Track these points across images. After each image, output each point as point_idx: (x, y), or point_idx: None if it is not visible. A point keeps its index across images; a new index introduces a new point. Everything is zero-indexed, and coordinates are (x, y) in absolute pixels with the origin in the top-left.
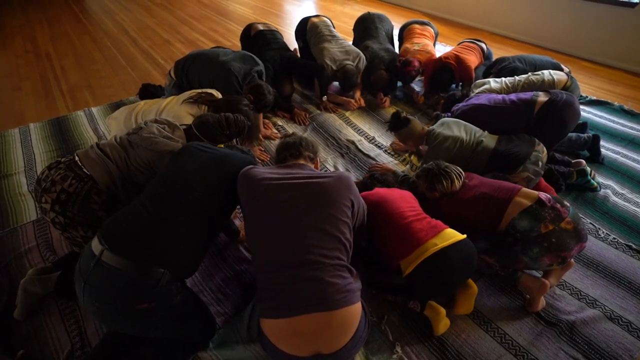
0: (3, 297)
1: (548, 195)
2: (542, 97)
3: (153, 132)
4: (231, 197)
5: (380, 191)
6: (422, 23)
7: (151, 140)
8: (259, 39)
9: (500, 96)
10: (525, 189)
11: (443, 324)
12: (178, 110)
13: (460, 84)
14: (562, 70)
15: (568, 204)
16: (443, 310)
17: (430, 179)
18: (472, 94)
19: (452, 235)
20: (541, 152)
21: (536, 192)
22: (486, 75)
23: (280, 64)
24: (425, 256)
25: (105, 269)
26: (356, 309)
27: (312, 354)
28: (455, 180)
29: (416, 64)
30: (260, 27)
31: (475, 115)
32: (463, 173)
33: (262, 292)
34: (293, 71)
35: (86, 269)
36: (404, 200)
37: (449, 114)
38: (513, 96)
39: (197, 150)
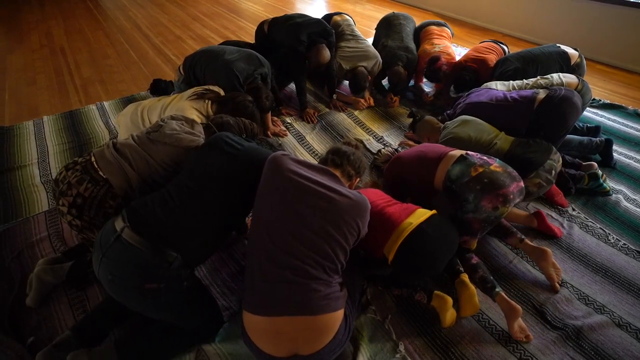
0: (14, 286)
1: (476, 153)
2: (541, 95)
3: (175, 128)
4: (252, 192)
5: None
6: (439, 24)
7: (175, 136)
8: (277, 23)
9: (501, 93)
10: (457, 150)
11: (450, 315)
12: (183, 105)
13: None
14: (570, 61)
15: (495, 158)
16: (450, 299)
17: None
18: None
19: (425, 213)
20: (557, 161)
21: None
22: (489, 79)
23: (313, 30)
24: (403, 236)
25: (123, 245)
26: (337, 315)
27: (289, 355)
28: None
29: (443, 59)
30: (271, 17)
31: (477, 114)
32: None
33: (248, 281)
34: (329, 37)
35: (106, 242)
36: (373, 193)
37: (451, 110)
38: (514, 94)
39: (225, 144)
